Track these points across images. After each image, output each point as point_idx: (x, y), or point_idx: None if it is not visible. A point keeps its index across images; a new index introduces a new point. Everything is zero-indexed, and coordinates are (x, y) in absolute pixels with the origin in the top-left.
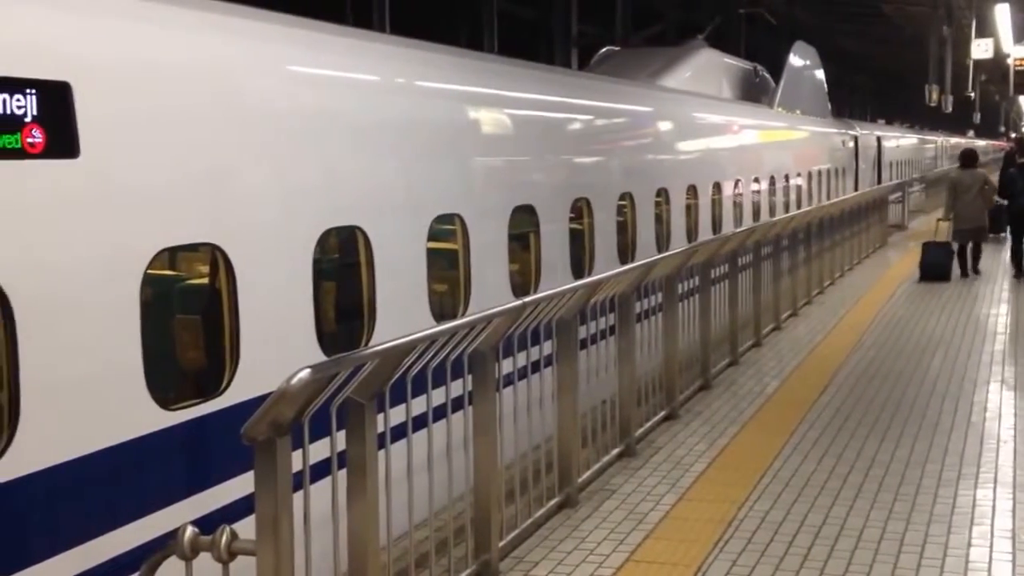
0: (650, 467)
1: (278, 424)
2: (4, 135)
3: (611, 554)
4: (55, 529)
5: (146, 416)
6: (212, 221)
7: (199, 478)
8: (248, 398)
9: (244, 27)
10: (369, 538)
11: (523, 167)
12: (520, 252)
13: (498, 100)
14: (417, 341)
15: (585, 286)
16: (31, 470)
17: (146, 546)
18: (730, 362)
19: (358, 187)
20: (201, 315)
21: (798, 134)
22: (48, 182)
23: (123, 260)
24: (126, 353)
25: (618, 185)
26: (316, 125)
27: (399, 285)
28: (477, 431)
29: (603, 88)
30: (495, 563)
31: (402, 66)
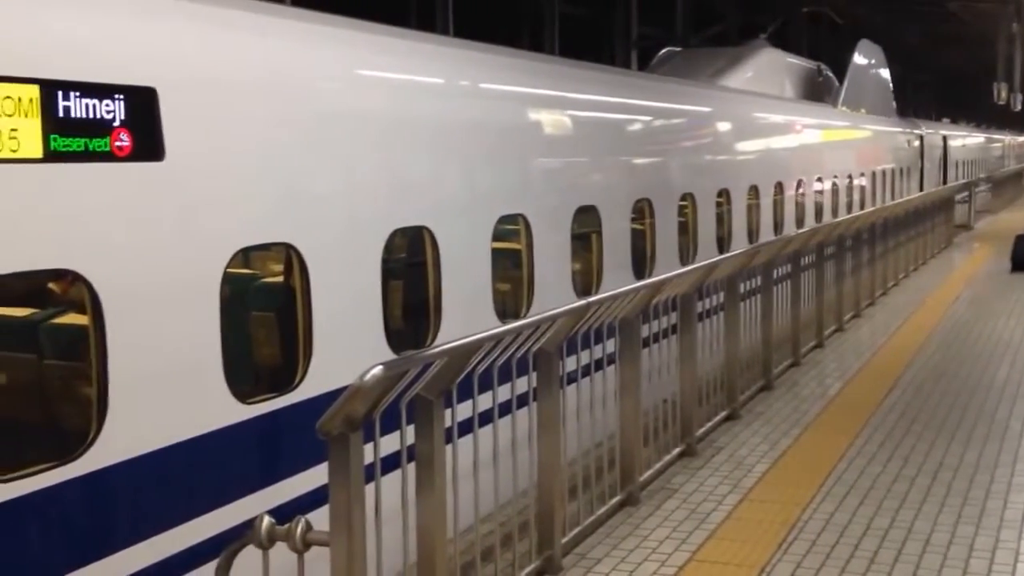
0: (711, 467)
1: (351, 419)
2: (94, 138)
3: (673, 553)
4: (140, 517)
5: (225, 409)
6: (287, 222)
7: (273, 470)
8: (319, 393)
9: (314, 32)
10: (437, 530)
11: (586, 168)
12: (582, 252)
13: (560, 102)
14: (484, 340)
15: (648, 286)
16: (118, 460)
17: (224, 535)
18: (792, 363)
19: (425, 188)
20: (276, 312)
21: (862, 133)
22: (135, 184)
23: (204, 259)
24: (207, 348)
25: (679, 186)
26: (384, 127)
27: (464, 284)
28: (541, 428)
29: (664, 89)
30: (558, 559)
31: (466, 68)
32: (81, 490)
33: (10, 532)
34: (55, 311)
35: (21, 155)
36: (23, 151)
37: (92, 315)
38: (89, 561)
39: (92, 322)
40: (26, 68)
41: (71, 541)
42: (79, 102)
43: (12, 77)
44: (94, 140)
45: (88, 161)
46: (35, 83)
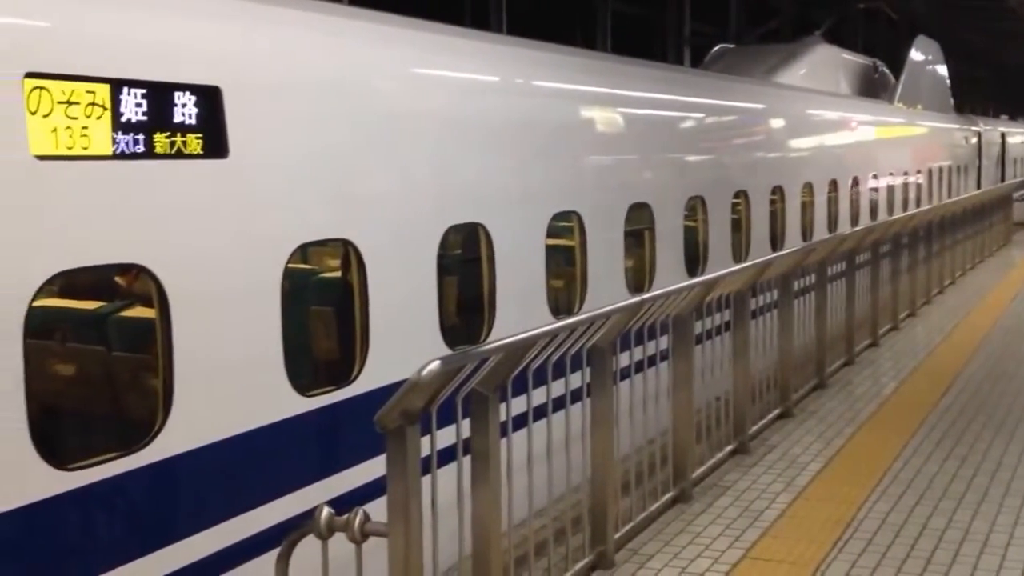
0: (764, 465)
1: (409, 413)
2: (161, 136)
3: (727, 550)
4: (203, 506)
5: (285, 402)
6: (345, 218)
7: (331, 462)
8: (376, 387)
9: (372, 31)
10: (491, 523)
11: (639, 165)
12: (635, 249)
13: (613, 99)
14: (539, 336)
15: (701, 284)
16: (183, 450)
17: (283, 524)
18: (845, 361)
19: (480, 185)
20: (334, 307)
21: (918, 130)
22: (199, 181)
23: (266, 255)
24: (268, 342)
25: (733, 183)
26: (440, 125)
27: (518, 280)
28: (594, 424)
29: (718, 86)
30: (611, 554)
31: (520, 66)
32: (147, 479)
33: (80, 519)
34: (123, 304)
35: (91, 152)
36: (93, 148)
37: (159, 309)
38: (155, 548)
39: (159, 315)
40: (96, 67)
41: (138, 528)
42: (146, 101)
43: (83, 76)
44: (160, 138)
45: (154, 159)
46: (105, 82)
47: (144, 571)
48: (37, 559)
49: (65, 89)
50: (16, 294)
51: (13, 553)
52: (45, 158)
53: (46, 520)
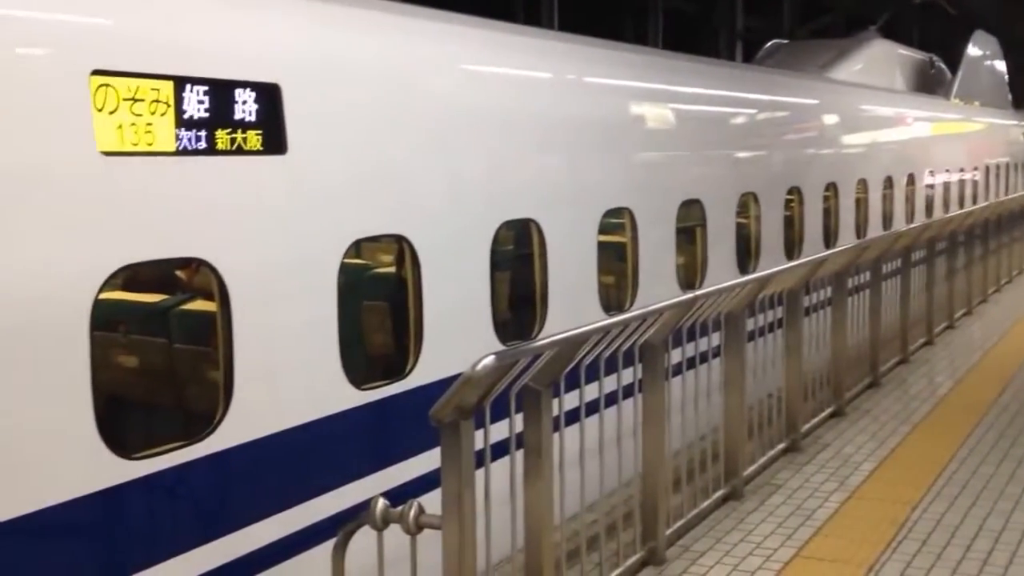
0: (817, 464)
1: (463, 407)
2: (222, 133)
3: (779, 548)
4: (261, 496)
5: (342, 395)
6: (400, 214)
7: (385, 454)
8: (429, 381)
9: (426, 28)
10: (544, 517)
11: (691, 161)
12: (687, 246)
13: (665, 95)
14: (591, 332)
15: (754, 281)
16: (242, 441)
17: (339, 516)
18: (900, 360)
19: (533, 181)
20: (389, 302)
21: (975, 126)
22: (259, 177)
23: (323, 250)
24: (325, 336)
25: (786, 179)
26: (493, 122)
27: (570, 276)
28: (646, 420)
29: (771, 81)
30: (662, 550)
31: (572, 63)
32: (207, 469)
33: (143, 507)
34: (184, 298)
35: (155, 149)
36: (157, 145)
37: (219, 302)
38: (213, 537)
39: (219, 309)
40: (160, 65)
41: (198, 517)
42: (208, 98)
43: (147, 74)
44: (221, 135)
45: (216, 155)
46: (168, 79)
47: (204, 559)
48: (103, 545)
49: (130, 86)
50: (83, 287)
51: (81, 539)
52: (111, 154)
53: (111, 508)
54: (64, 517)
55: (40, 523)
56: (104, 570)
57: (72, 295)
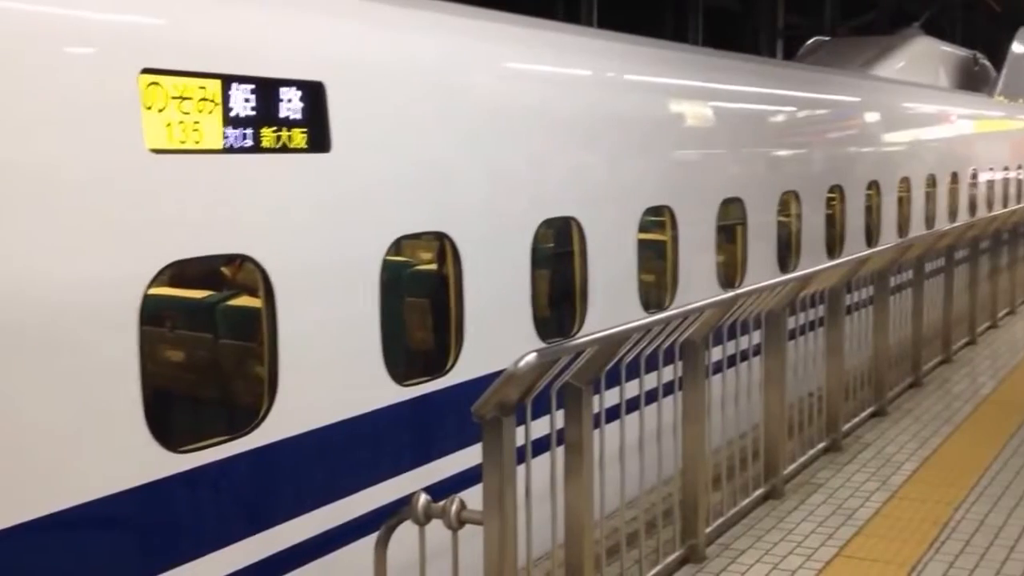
0: (858, 463)
1: (505, 404)
2: (268, 131)
3: (819, 548)
4: (305, 490)
5: (383, 391)
6: (441, 211)
7: (425, 450)
8: (470, 378)
9: (467, 26)
10: (584, 513)
11: (732, 160)
12: (727, 244)
13: (706, 93)
14: (632, 330)
15: (796, 280)
16: (286, 436)
17: (381, 510)
18: (942, 359)
19: (573, 179)
20: (430, 299)
21: (1019, 124)
22: (303, 174)
23: (366, 247)
24: (368, 332)
25: (827, 177)
26: (533, 120)
27: (610, 274)
28: (686, 418)
29: (812, 79)
30: (702, 548)
31: (612, 61)
32: (252, 463)
33: (189, 500)
34: (230, 294)
35: (203, 146)
36: (204, 143)
37: (264, 298)
38: (258, 530)
39: (264, 305)
40: (207, 63)
41: (242, 510)
42: (254, 96)
43: (195, 72)
44: (267, 133)
45: (261, 152)
46: (216, 78)
47: (248, 552)
48: (151, 537)
49: (178, 85)
50: (132, 283)
51: (130, 531)
52: (159, 152)
53: (159, 500)
54: (114, 509)
55: (91, 515)
56: (151, 562)
57: (123, 291)
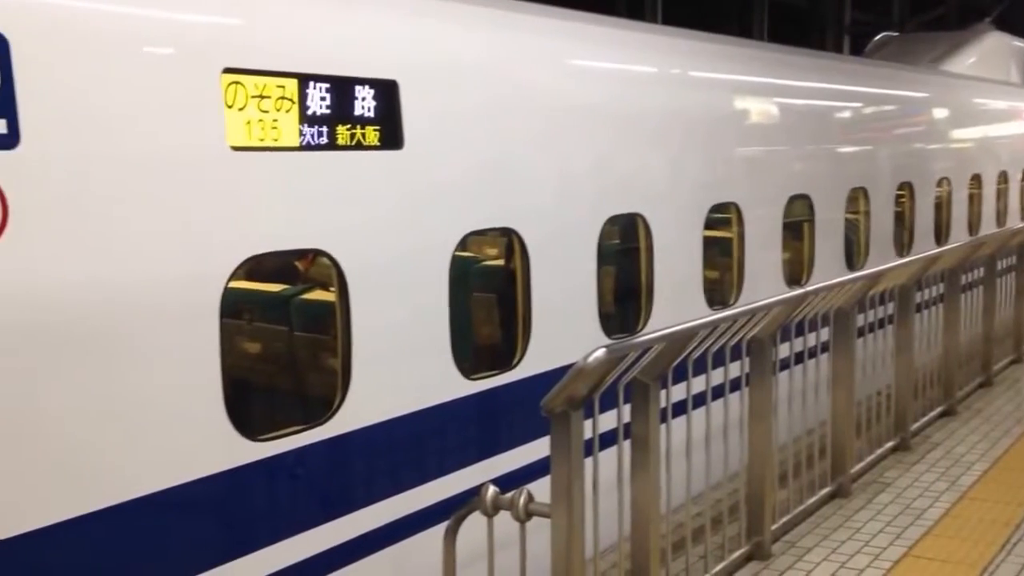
0: (926, 463)
1: (573, 399)
2: (343, 129)
3: (888, 547)
4: (376, 480)
5: (452, 384)
6: (510, 207)
7: (492, 443)
8: (537, 372)
9: (534, 24)
10: (650, 507)
11: (798, 156)
12: (793, 241)
13: (772, 89)
14: (700, 327)
15: (866, 277)
16: (359, 426)
17: (449, 501)
18: (1014, 359)
19: (639, 176)
20: (498, 294)
21: None
22: (377, 171)
23: (436, 243)
24: (437, 326)
25: (897, 174)
26: (600, 116)
27: (676, 271)
28: (753, 415)
29: (880, 75)
30: (767, 545)
31: (678, 57)
32: (326, 452)
33: (266, 487)
34: (305, 287)
35: (280, 144)
36: (282, 140)
37: (338, 292)
38: (331, 518)
39: (338, 299)
40: (285, 63)
41: (315, 499)
42: (330, 95)
43: (274, 71)
44: (342, 130)
45: (336, 149)
46: (293, 77)
47: (320, 540)
48: (231, 523)
49: (258, 84)
50: (214, 276)
51: (211, 516)
52: (239, 149)
53: (238, 486)
54: (197, 494)
55: (176, 499)
56: (231, 546)
57: (204, 284)
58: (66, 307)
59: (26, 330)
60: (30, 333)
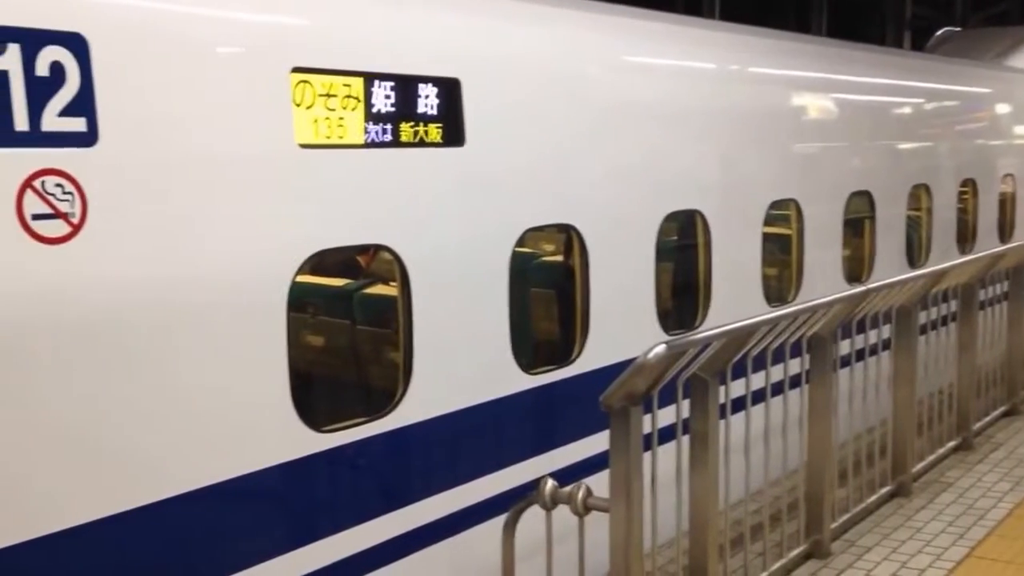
0: (989, 463)
1: (633, 394)
2: (407, 126)
3: (950, 547)
4: (436, 473)
5: (511, 378)
6: (569, 203)
7: (550, 438)
8: (594, 368)
9: (592, 21)
10: (708, 503)
11: (859, 153)
12: (854, 238)
13: (832, 85)
14: (760, 324)
15: (928, 275)
16: (420, 419)
17: (507, 494)
18: None
19: (698, 172)
20: (557, 290)
21: None
22: (439, 168)
23: (497, 239)
24: (497, 321)
25: (960, 171)
26: (658, 113)
27: (735, 267)
28: (813, 412)
29: (943, 70)
30: (826, 543)
31: (736, 53)
32: (388, 444)
33: (330, 477)
34: (367, 282)
35: (346, 141)
36: (348, 138)
37: (400, 287)
38: (392, 509)
39: (400, 294)
40: (351, 62)
41: (377, 489)
42: (394, 93)
43: (340, 70)
44: (405, 128)
45: (400, 147)
46: (359, 75)
47: (382, 530)
48: (295, 510)
49: (325, 83)
50: (282, 271)
51: (277, 503)
52: (307, 147)
53: (304, 476)
54: (264, 483)
55: (244, 487)
56: (295, 534)
57: (273, 278)
58: (142, 301)
59: (104, 323)
60: (108, 326)
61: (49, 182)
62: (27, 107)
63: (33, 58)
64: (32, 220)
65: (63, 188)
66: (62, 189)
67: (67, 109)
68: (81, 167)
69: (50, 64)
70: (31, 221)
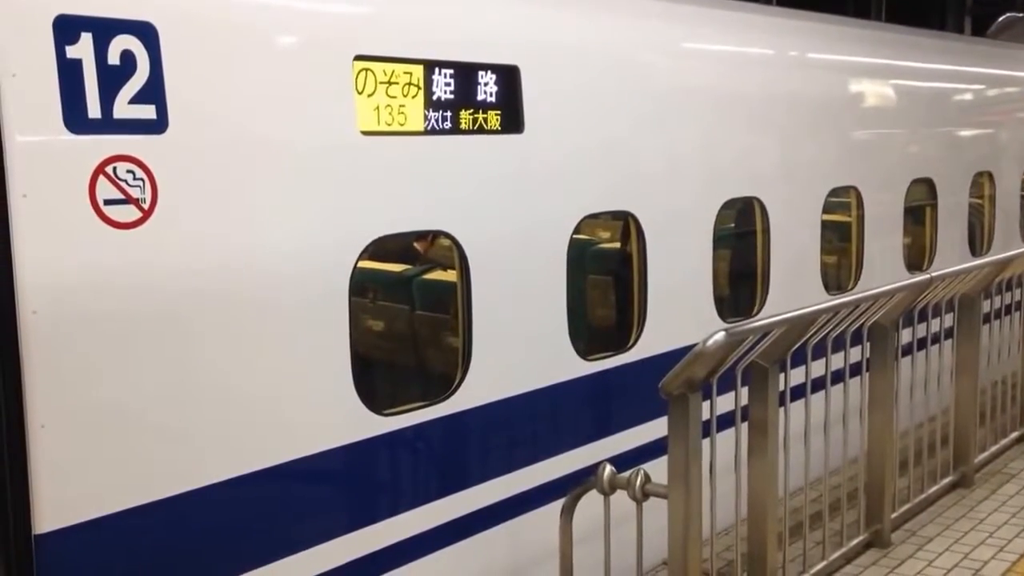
0: None
1: (692, 381)
2: (467, 113)
3: (1013, 539)
4: (495, 457)
5: (569, 365)
6: (627, 190)
7: (607, 423)
8: (652, 355)
9: (648, 7)
10: (768, 491)
11: (921, 139)
12: (915, 226)
13: (892, 71)
14: (821, 312)
15: (993, 264)
16: (479, 404)
17: (564, 479)
18: None
19: (757, 159)
20: (614, 276)
21: None
22: (499, 155)
23: (555, 225)
24: (555, 307)
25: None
26: (716, 100)
27: (793, 255)
28: (874, 401)
29: (1005, 56)
30: (887, 533)
31: (794, 39)
32: (447, 428)
33: (391, 459)
34: (427, 267)
35: (407, 129)
36: (408, 125)
37: (460, 273)
38: (451, 492)
39: (460, 279)
40: (411, 49)
41: (437, 472)
42: (454, 80)
43: (402, 58)
44: (465, 115)
45: (459, 134)
46: (419, 63)
47: (440, 512)
48: (356, 492)
49: (386, 70)
50: (345, 256)
51: (339, 485)
52: (369, 134)
53: (366, 458)
54: (327, 464)
55: (307, 469)
56: (356, 515)
57: (336, 263)
58: (210, 286)
59: (173, 308)
60: (174, 312)
61: (121, 168)
62: (99, 95)
63: (105, 47)
64: (104, 205)
65: (134, 174)
66: (133, 175)
67: (137, 97)
68: (151, 154)
69: (121, 52)
70: (103, 206)
